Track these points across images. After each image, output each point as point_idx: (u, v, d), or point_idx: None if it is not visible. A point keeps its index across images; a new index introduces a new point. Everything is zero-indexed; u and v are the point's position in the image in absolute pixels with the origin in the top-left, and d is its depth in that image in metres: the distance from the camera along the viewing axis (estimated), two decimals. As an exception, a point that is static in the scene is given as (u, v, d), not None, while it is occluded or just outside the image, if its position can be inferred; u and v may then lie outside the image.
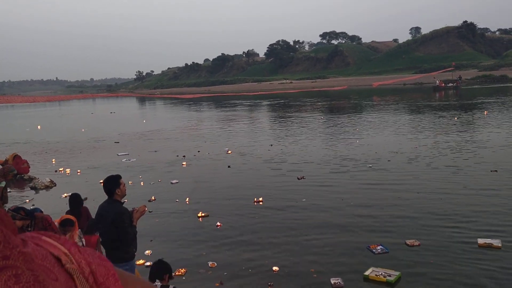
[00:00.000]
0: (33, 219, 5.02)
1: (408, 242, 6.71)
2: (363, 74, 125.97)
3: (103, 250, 4.88)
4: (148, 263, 6.30)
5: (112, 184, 4.52)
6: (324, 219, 8.07)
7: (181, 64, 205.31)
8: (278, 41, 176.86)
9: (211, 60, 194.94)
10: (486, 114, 25.01)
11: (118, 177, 4.60)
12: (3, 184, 6.52)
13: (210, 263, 6.29)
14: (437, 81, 59.30)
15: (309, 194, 9.84)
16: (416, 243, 6.66)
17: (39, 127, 30.79)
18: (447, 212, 8.07)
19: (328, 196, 9.61)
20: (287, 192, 10.11)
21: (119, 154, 16.67)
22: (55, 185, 11.92)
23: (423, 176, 11.00)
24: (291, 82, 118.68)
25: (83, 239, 5.30)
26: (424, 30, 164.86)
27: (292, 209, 8.82)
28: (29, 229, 4.97)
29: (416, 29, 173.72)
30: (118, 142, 20.33)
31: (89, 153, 17.63)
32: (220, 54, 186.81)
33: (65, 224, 5.11)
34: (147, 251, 6.77)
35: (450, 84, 59.25)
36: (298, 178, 11.35)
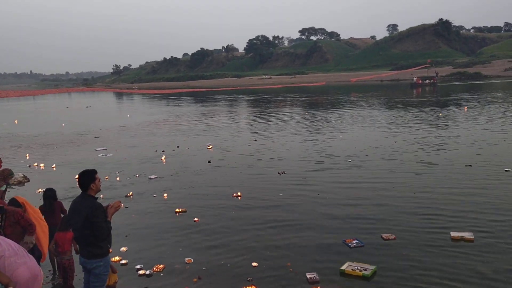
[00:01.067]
0: (4, 213, 4.90)
1: (384, 236, 6.81)
2: (342, 70, 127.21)
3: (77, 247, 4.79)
4: (124, 261, 6.21)
5: (87, 178, 4.42)
6: (301, 214, 8.11)
7: (160, 58, 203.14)
8: (258, 36, 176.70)
9: (190, 54, 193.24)
10: (466, 110, 25.59)
11: (93, 172, 4.49)
12: (4, 187, 6.41)
13: (186, 259, 6.24)
14: (415, 78, 60.35)
15: (287, 189, 9.88)
16: (392, 237, 6.77)
17: (16, 121, 29.96)
18: (422, 207, 8.22)
19: (306, 191, 9.66)
20: (267, 187, 10.12)
21: (97, 149, 16.39)
22: (29, 181, 11.63)
23: (400, 171, 11.18)
24: (270, 78, 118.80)
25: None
26: (401, 27, 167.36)
27: (270, 204, 8.83)
28: (1, 223, 4.85)
29: (393, 26, 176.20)
30: (98, 137, 19.98)
31: (67, 148, 17.27)
32: (199, 49, 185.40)
33: (9, 204, 5.12)
34: (122, 248, 6.67)
35: (427, 81, 60.35)
36: (279, 173, 11.38)
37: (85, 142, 18.79)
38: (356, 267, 5.71)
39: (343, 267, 5.74)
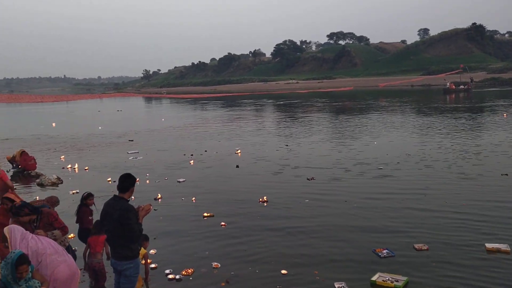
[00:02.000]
0: (39, 214, 5.06)
1: (416, 246, 6.61)
2: (371, 75, 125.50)
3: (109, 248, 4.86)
4: (153, 265, 6.23)
5: (130, 182, 4.54)
6: (329, 221, 7.99)
7: (188, 63, 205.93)
8: (285, 41, 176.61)
9: (217, 59, 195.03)
10: (506, 116, 24.73)
11: (135, 178, 4.64)
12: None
13: (214, 263, 6.24)
14: (448, 83, 58.54)
15: (315, 195, 9.75)
16: (425, 247, 6.56)
17: (53, 124, 30.67)
18: (456, 217, 7.96)
19: (335, 199, 9.52)
20: (294, 193, 10.02)
21: (129, 152, 16.67)
22: (62, 182, 11.93)
23: (433, 179, 10.88)
24: (297, 82, 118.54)
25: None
26: (433, 32, 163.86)
27: (298, 210, 8.74)
28: (35, 224, 5.01)
29: (425, 31, 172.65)
30: (132, 140, 20.31)
31: (101, 151, 17.58)
32: (227, 54, 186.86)
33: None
34: (151, 251, 6.72)
35: (461, 87, 58.45)
36: (308, 179, 11.26)
37: (119, 145, 19.12)
38: (387, 278, 5.57)
39: (373, 278, 5.61)
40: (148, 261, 5.92)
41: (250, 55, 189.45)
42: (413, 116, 27.81)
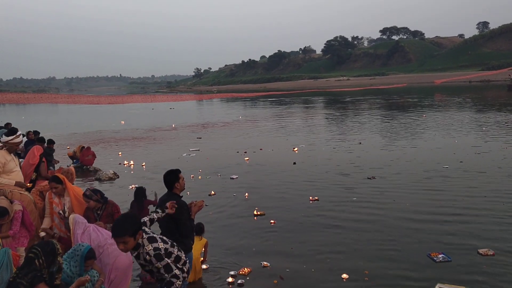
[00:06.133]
0: (105, 204, 5.24)
1: (481, 251, 6.17)
2: (425, 70, 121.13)
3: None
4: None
5: (172, 178, 4.59)
6: (381, 223, 7.68)
7: (238, 61, 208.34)
8: (336, 37, 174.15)
9: (267, 57, 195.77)
10: None
11: (177, 172, 4.66)
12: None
13: (263, 262, 6.15)
14: None
15: (371, 196, 9.43)
16: (490, 252, 6.11)
17: (122, 122, 31.46)
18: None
19: (389, 199, 9.16)
20: (348, 192, 9.75)
21: (191, 149, 16.94)
22: (118, 177, 12.32)
23: (501, 178, 10.24)
24: (348, 79, 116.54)
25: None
26: (493, 25, 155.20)
27: (350, 209, 8.48)
28: (99, 212, 5.20)
29: (484, 24, 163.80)
30: (200, 138, 20.56)
31: (166, 147, 17.90)
32: (277, 51, 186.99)
33: (51, 180, 5.23)
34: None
35: None
36: (369, 178, 10.94)
37: (185, 142, 19.32)
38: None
39: (434, 290, 5.20)
40: (201, 259, 5.91)
41: (300, 52, 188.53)
42: (482, 113, 26.42)
